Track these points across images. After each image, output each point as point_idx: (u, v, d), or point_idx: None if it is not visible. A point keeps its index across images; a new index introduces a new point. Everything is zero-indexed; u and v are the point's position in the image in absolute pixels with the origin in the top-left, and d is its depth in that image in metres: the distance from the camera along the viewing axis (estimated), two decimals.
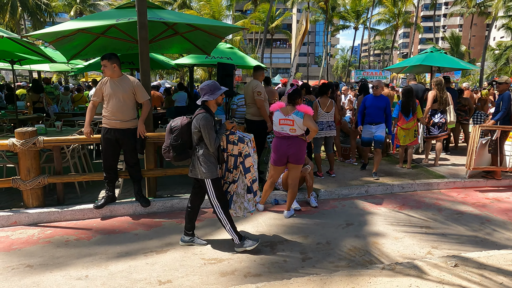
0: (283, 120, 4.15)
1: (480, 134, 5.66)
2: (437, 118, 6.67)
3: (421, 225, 4.18)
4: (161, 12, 5.21)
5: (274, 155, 4.30)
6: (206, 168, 3.23)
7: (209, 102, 3.27)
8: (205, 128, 3.11)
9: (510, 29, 34.37)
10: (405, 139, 6.43)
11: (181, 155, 3.30)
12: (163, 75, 35.52)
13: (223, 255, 3.38)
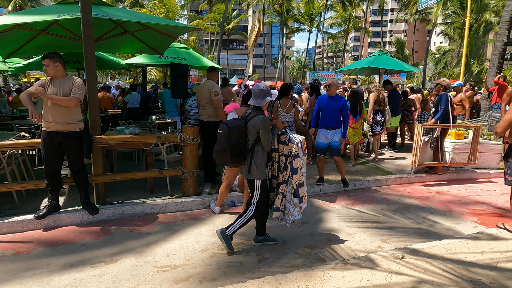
0: None
1: (423, 133, 6.05)
2: (378, 117, 7.37)
3: (371, 220, 4.36)
4: (108, 9, 4.95)
5: None
6: (259, 169, 3.29)
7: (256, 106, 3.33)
8: (264, 129, 3.18)
9: (448, 35, 37.31)
10: (354, 138, 6.82)
11: (238, 157, 3.27)
12: (115, 76, 33.99)
13: (177, 261, 3.28)
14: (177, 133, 4.65)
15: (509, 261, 3.01)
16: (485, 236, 3.62)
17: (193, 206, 4.66)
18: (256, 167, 3.27)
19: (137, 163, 6.85)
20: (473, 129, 6.22)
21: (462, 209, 4.79)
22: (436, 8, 33.06)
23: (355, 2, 39.93)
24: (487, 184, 6.11)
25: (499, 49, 9.58)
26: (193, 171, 4.72)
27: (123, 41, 6.77)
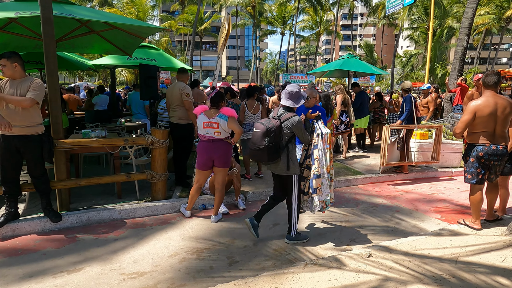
0: (207, 123, 4.08)
1: (390, 133, 6.25)
2: (343, 118, 7.77)
3: (341, 220, 4.44)
4: (71, 7, 4.75)
5: (200, 159, 4.20)
6: (295, 165, 3.53)
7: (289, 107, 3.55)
8: (300, 130, 3.44)
9: (413, 39, 38.94)
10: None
11: (274, 155, 3.43)
12: (83, 77, 32.81)
13: (145, 267, 3.18)
14: (146, 136, 4.54)
15: (469, 256, 3.15)
16: (447, 232, 3.78)
17: (163, 210, 4.56)
18: (293, 163, 3.51)
19: (105, 167, 6.63)
20: (435, 129, 6.49)
21: (426, 207, 4.98)
22: (402, 13, 34.38)
23: (326, 6, 40.79)
24: (449, 182, 6.39)
25: (459, 54, 10.08)
26: (162, 175, 4.61)
27: (89, 41, 6.53)
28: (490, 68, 35.67)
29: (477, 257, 3.11)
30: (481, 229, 3.76)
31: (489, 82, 3.60)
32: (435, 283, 2.70)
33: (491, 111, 3.53)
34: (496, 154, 3.57)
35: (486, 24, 32.14)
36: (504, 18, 31.24)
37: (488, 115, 3.53)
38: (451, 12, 33.39)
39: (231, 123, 4.05)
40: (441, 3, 32.23)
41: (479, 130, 3.60)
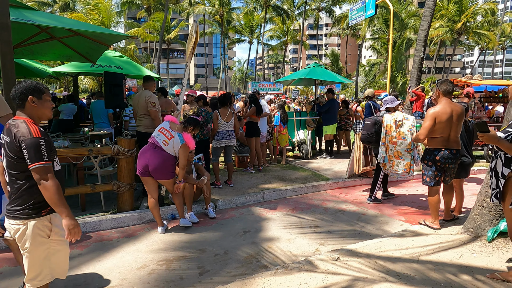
0: (163, 130, 4.03)
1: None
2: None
3: (310, 225, 4.53)
4: (29, 13, 4.57)
5: (138, 162, 4.06)
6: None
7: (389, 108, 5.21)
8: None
9: (376, 49, 40.77)
10: (284, 142, 8.07)
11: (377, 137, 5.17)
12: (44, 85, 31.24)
13: (111, 281, 3.07)
14: (112, 146, 4.41)
15: (429, 254, 3.33)
16: (409, 233, 3.96)
17: (130, 222, 4.43)
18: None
19: (68, 179, 6.35)
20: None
21: (390, 209, 5.19)
22: (364, 24, 35.96)
23: (292, 16, 41.81)
24: (411, 185, 6.71)
25: (417, 63, 10.65)
26: (129, 185, 4.50)
27: (49, 47, 6.29)
28: (445, 77, 38.05)
29: (436, 255, 3.29)
30: (440, 228, 3.98)
31: (446, 90, 3.84)
32: (399, 281, 2.83)
33: (448, 117, 3.78)
34: (451, 157, 3.82)
35: (440, 36, 34.35)
36: (455, 30, 33.52)
37: (445, 121, 3.77)
38: (409, 25, 35.39)
39: (183, 150, 3.96)
40: (400, 16, 34.09)
41: (437, 136, 3.84)
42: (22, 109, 2.16)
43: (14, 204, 2.13)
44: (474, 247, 3.42)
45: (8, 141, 2.09)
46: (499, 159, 2.54)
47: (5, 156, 2.12)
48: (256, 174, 7.02)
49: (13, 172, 2.11)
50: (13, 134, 2.06)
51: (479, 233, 3.60)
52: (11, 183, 2.14)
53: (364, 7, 15.85)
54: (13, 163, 2.09)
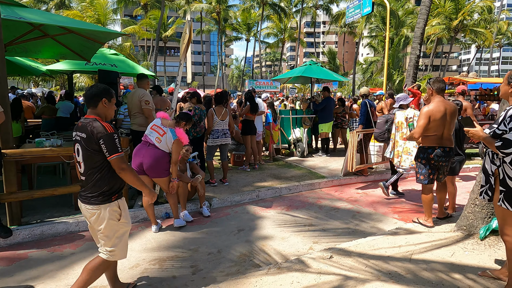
0: (156, 127, 4.02)
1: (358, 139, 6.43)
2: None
3: (304, 224, 4.53)
4: (21, 11, 4.52)
5: (133, 161, 4.05)
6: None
7: (403, 105, 5.33)
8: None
9: (373, 47, 40.77)
10: (275, 138, 8.54)
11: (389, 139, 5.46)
12: (39, 82, 31.09)
13: (103, 280, 3.04)
14: None
15: (422, 252, 3.33)
16: (402, 231, 3.97)
17: None
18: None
19: (62, 178, 6.31)
20: None
21: (385, 208, 5.20)
22: (360, 22, 35.94)
23: (289, 14, 41.72)
24: (405, 182, 6.72)
25: (413, 61, 10.68)
26: None
27: (43, 45, 6.25)
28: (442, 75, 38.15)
29: (429, 253, 3.30)
30: (433, 226, 3.99)
31: (439, 88, 3.85)
32: (391, 280, 2.83)
33: (442, 116, 3.78)
34: (444, 155, 3.83)
35: (437, 33, 34.38)
36: (452, 28, 33.57)
37: (439, 119, 3.77)
38: (406, 22, 35.40)
39: (175, 145, 3.96)
40: (397, 13, 34.07)
41: (431, 134, 3.84)
42: (95, 108, 2.47)
43: (89, 191, 2.44)
44: (466, 245, 3.43)
45: (85, 137, 2.37)
46: (487, 156, 2.55)
47: (82, 150, 2.41)
48: (252, 172, 7.02)
49: (89, 163, 2.41)
50: (89, 130, 2.35)
51: (472, 231, 3.61)
52: (87, 173, 2.44)
53: (360, 5, 15.81)
54: (90, 155, 2.39)
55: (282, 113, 9.03)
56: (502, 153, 2.30)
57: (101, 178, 2.42)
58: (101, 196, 2.43)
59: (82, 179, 2.50)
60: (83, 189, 2.48)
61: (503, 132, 2.34)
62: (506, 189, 2.38)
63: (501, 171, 2.42)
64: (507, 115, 2.36)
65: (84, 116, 2.49)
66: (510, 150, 2.26)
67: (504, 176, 2.39)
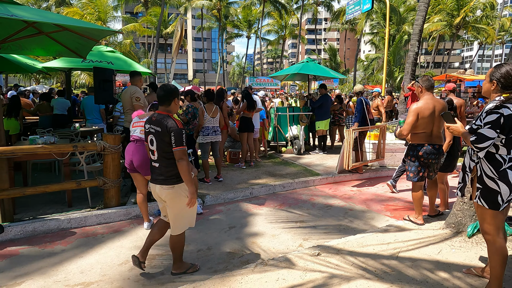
0: (137, 123, 4.03)
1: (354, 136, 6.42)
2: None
3: (296, 220, 4.55)
4: (14, 8, 4.52)
5: (125, 159, 4.08)
6: None
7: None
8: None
9: (374, 44, 40.61)
10: (267, 136, 8.84)
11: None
12: (40, 80, 31.16)
13: (92, 277, 3.09)
14: (97, 142, 4.41)
15: (409, 250, 3.34)
16: (393, 228, 3.98)
17: (116, 218, 4.44)
18: None
19: (58, 175, 6.35)
20: (380, 129, 6.81)
21: (378, 205, 5.21)
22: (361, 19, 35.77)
23: (290, 11, 41.55)
24: (400, 180, 6.71)
25: (411, 58, 10.63)
26: (115, 181, 4.50)
27: (38, 42, 6.24)
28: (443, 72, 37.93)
29: (416, 251, 3.30)
30: (423, 224, 4.00)
31: (428, 85, 3.85)
32: (376, 278, 2.84)
33: (431, 113, 3.78)
34: (433, 153, 3.82)
35: (439, 30, 34.17)
36: (454, 25, 33.36)
37: (428, 116, 3.78)
38: (407, 19, 35.20)
39: None
40: (398, 10, 33.88)
41: (420, 131, 3.84)
42: (168, 106, 2.92)
43: (162, 175, 2.90)
44: (454, 242, 3.43)
45: (160, 130, 2.84)
46: (467, 152, 2.55)
47: (156, 141, 2.88)
48: (247, 170, 7.03)
49: (164, 152, 2.86)
50: (164, 125, 2.81)
51: (460, 229, 3.61)
52: (161, 160, 2.90)
53: (360, 2, 15.76)
54: (163, 146, 2.85)
55: (279, 110, 9.03)
56: (476, 147, 2.30)
57: (171, 164, 2.87)
58: (173, 178, 2.90)
59: (155, 166, 2.95)
60: (157, 173, 2.93)
61: (478, 127, 2.35)
62: (483, 186, 2.38)
63: (478, 167, 2.41)
64: (483, 110, 2.36)
65: (157, 112, 2.94)
66: (483, 144, 2.26)
67: (481, 173, 2.38)
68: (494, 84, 2.38)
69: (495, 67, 2.42)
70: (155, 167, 2.94)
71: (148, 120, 2.95)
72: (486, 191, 2.36)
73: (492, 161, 2.34)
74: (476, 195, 2.39)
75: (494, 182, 2.33)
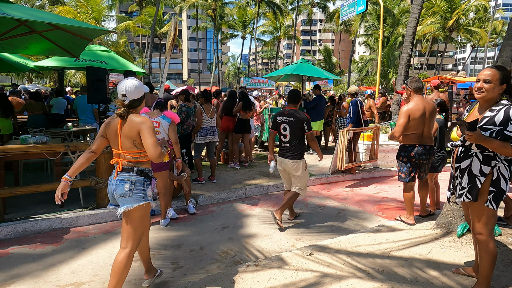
0: None
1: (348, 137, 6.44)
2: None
3: (289, 221, 4.56)
4: (6, 7, 4.48)
5: None
6: None
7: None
8: None
9: (369, 45, 40.84)
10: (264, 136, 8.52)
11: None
12: (32, 79, 30.87)
13: (83, 278, 3.07)
14: (90, 141, 4.38)
15: (400, 250, 3.37)
16: (385, 228, 4.01)
17: (108, 218, 4.42)
18: None
19: (50, 175, 6.30)
20: (373, 130, 6.87)
21: (370, 205, 5.24)
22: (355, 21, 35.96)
23: (285, 12, 41.64)
24: (393, 181, 6.77)
25: (405, 60, 10.73)
26: (107, 181, 4.47)
27: (31, 41, 6.19)
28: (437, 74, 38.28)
29: (407, 251, 3.34)
30: (414, 224, 4.03)
31: (417, 87, 3.89)
32: (367, 277, 2.87)
33: (421, 114, 3.82)
34: (424, 153, 3.87)
35: (433, 32, 34.48)
36: (447, 27, 33.69)
37: (419, 117, 3.82)
38: (401, 21, 35.46)
39: (172, 127, 4.08)
40: (392, 12, 34.12)
41: (411, 132, 3.88)
42: (296, 104, 4.29)
43: (292, 152, 4.11)
44: (444, 242, 3.47)
45: (293, 120, 4.07)
46: (474, 157, 2.47)
47: (289, 128, 4.08)
48: (241, 170, 7.04)
49: (293, 136, 4.09)
50: (297, 117, 4.06)
51: (450, 229, 3.65)
52: (291, 142, 4.11)
53: (355, 3, 15.82)
54: (295, 131, 4.07)
55: (273, 111, 9.04)
56: None
57: (298, 144, 4.09)
58: (298, 155, 4.09)
59: (286, 146, 4.13)
60: (287, 151, 4.11)
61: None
62: (496, 190, 2.37)
63: (495, 171, 2.35)
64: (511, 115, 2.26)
65: (288, 108, 4.17)
66: None
67: (499, 176, 2.37)
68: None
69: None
70: (286, 147, 4.11)
71: (281, 114, 4.14)
72: (499, 193, 2.37)
73: (510, 162, 2.35)
74: (488, 199, 2.38)
75: (506, 183, 2.36)
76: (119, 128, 2.43)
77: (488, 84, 2.37)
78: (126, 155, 2.47)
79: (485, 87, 2.37)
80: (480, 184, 2.41)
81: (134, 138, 2.41)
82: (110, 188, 2.53)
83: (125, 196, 2.43)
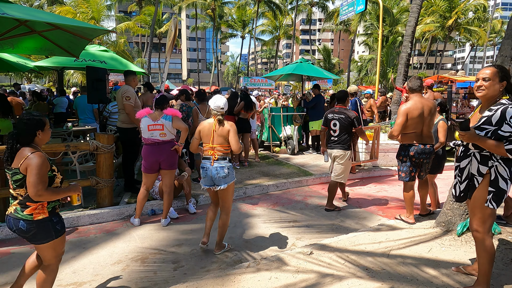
0: (152, 126, 4.05)
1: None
2: None
3: (289, 220, 4.57)
4: (5, 7, 4.48)
5: (145, 163, 4.15)
6: None
7: None
8: None
9: (368, 45, 40.85)
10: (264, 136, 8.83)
11: None
12: (32, 79, 30.82)
13: (85, 277, 3.08)
14: (90, 141, 4.39)
15: (400, 248, 3.38)
16: (385, 227, 4.02)
17: (109, 218, 4.43)
18: None
19: None
20: (374, 129, 6.87)
21: (371, 205, 5.25)
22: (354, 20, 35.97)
23: (284, 11, 41.63)
24: (392, 180, 6.78)
25: (404, 59, 10.73)
26: (108, 181, 4.48)
27: (30, 41, 6.19)
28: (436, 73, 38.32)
29: (407, 250, 3.35)
30: (414, 223, 4.05)
31: (415, 86, 3.91)
32: (367, 276, 2.88)
33: (420, 113, 3.83)
34: (424, 152, 3.88)
35: (432, 32, 34.51)
36: (446, 26, 33.72)
37: (417, 116, 3.83)
38: (401, 20, 35.48)
39: (176, 122, 4.12)
40: (391, 11, 34.13)
41: (410, 131, 3.89)
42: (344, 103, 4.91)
43: (341, 144, 4.73)
44: (444, 241, 3.48)
45: (343, 117, 4.65)
46: (473, 157, 2.47)
47: (339, 123, 4.67)
48: (241, 169, 7.04)
49: (342, 130, 4.68)
50: (346, 114, 4.67)
51: (450, 227, 3.66)
52: (339, 135, 4.71)
53: (354, 3, 15.83)
54: (344, 126, 4.66)
55: (273, 111, 9.05)
56: None
57: (347, 137, 4.68)
58: (346, 145, 4.71)
59: (335, 139, 4.75)
60: (336, 143, 4.75)
61: (511, 134, 2.24)
62: (496, 189, 2.37)
63: (493, 171, 2.36)
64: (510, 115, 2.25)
65: (338, 106, 4.80)
66: None
67: (497, 176, 2.38)
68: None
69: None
70: (335, 140, 4.74)
71: (331, 112, 4.75)
72: (499, 193, 2.38)
73: (508, 162, 2.35)
74: (488, 199, 2.39)
75: (506, 183, 2.36)
76: (214, 129, 3.34)
77: (488, 82, 2.39)
78: (219, 148, 3.34)
79: (484, 85, 2.39)
80: (477, 183, 2.43)
81: (225, 136, 3.31)
82: (210, 173, 3.37)
83: (225, 177, 3.35)
